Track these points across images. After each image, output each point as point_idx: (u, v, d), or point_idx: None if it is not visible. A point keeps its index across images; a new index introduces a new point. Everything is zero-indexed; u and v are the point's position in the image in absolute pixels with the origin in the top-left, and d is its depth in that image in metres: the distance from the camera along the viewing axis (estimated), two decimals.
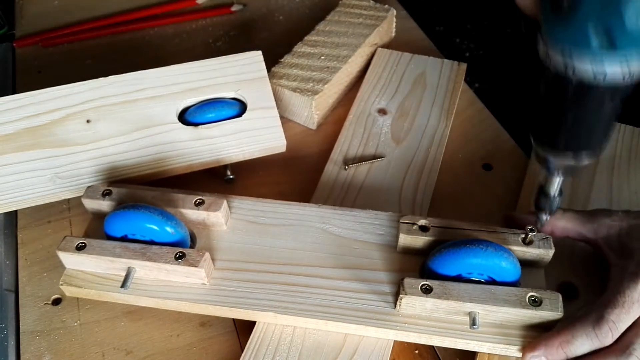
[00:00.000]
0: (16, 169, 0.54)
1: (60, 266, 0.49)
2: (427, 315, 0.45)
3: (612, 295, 0.42)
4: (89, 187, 0.53)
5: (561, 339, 0.41)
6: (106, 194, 0.52)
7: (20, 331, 0.51)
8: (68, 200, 0.58)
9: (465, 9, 1.23)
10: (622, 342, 0.41)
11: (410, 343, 0.48)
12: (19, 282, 0.54)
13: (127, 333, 0.50)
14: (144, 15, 0.85)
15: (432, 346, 0.49)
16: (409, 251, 0.49)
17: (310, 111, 0.66)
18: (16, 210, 0.58)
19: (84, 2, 0.88)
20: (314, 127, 0.67)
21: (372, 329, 0.45)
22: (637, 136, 0.62)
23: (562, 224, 0.48)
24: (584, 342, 0.41)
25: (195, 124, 0.58)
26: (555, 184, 0.43)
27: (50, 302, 0.52)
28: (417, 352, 0.49)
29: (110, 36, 0.83)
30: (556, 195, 0.44)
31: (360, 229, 0.52)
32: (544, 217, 0.46)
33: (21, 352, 0.50)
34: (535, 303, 0.43)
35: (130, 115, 0.58)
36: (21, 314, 0.52)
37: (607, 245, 0.46)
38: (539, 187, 0.45)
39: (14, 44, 0.82)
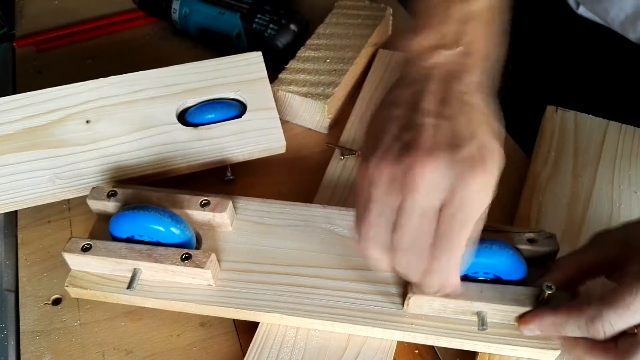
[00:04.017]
0: (15, 170, 0.54)
1: (60, 266, 0.49)
2: (435, 315, 0.45)
3: (620, 294, 0.39)
4: (94, 188, 0.52)
5: (554, 320, 0.41)
6: (111, 194, 0.52)
7: (20, 331, 0.51)
8: (68, 200, 0.58)
9: None
10: (626, 345, 0.39)
11: (410, 343, 0.48)
12: (19, 282, 0.54)
13: (127, 333, 0.50)
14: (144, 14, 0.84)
15: (432, 346, 0.49)
16: None
17: (323, 115, 0.65)
18: (16, 210, 0.58)
19: (84, 2, 0.88)
20: (325, 131, 0.67)
21: (379, 329, 0.45)
22: (637, 136, 0.62)
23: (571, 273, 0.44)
24: (575, 331, 0.40)
25: (195, 125, 0.58)
26: None
27: (50, 302, 0.52)
28: (416, 351, 0.49)
29: (110, 36, 0.83)
30: None
31: None
32: None
33: (21, 352, 0.50)
34: (543, 302, 0.43)
35: (130, 115, 0.58)
36: (21, 314, 0.52)
37: (619, 255, 0.42)
38: None
39: (14, 44, 0.82)
